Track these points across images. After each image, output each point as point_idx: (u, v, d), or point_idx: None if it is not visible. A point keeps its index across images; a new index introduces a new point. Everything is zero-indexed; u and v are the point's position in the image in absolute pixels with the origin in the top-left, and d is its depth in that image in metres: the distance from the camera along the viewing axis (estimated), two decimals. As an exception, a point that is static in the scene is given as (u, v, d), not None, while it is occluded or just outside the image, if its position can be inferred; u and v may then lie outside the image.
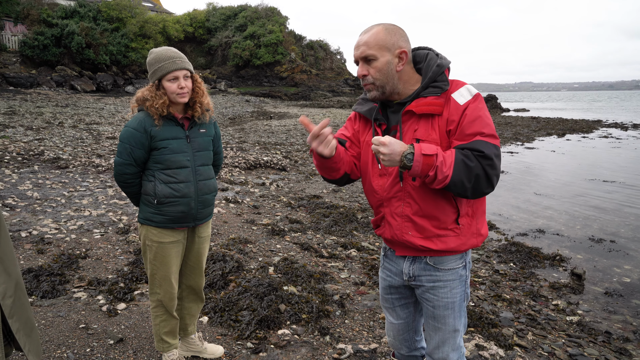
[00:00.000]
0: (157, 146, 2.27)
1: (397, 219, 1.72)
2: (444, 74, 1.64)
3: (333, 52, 43.32)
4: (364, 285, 3.98)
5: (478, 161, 1.51)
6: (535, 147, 15.38)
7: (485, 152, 1.51)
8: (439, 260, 1.73)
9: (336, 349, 2.88)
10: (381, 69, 1.62)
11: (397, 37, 1.62)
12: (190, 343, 2.71)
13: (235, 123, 19.23)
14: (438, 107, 1.60)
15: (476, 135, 1.54)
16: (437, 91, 1.62)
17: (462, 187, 1.52)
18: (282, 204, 6.83)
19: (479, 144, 1.52)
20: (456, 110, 1.58)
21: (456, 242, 1.68)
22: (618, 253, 5.49)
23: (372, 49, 1.61)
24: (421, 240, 1.68)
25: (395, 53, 1.62)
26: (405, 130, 1.66)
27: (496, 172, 1.53)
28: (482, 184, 1.53)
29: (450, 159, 1.50)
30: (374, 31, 1.62)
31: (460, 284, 1.76)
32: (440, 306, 1.76)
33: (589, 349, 3.22)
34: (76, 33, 26.89)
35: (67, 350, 2.71)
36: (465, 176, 1.50)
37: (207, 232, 2.55)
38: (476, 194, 1.56)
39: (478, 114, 1.56)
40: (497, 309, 3.75)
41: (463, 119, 1.56)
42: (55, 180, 6.93)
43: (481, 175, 1.51)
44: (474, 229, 1.71)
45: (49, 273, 3.70)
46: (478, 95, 1.61)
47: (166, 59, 2.23)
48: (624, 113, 38.64)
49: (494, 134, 1.56)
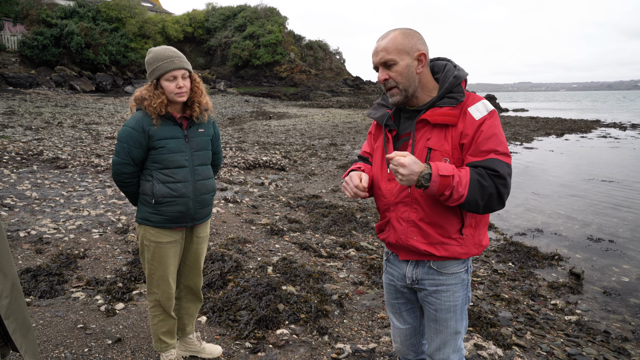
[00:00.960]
0: (155, 146, 2.27)
1: (403, 223, 1.74)
2: (460, 86, 1.66)
3: (332, 52, 43.34)
4: (363, 285, 3.98)
5: (492, 180, 1.54)
6: (534, 147, 15.39)
7: (500, 172, 1.54)
8: (442, 265, 1.75)
9: (334, 349, 2.88)
10: (402, 72, 1.63)
11: (415, 40, 1.64)
12: (189, 343, 2.70)
13: (234, 123, 19.23)
14: (453, 118, 1.61)
15: (491, 153, 1.56)
16: (452, 102, 1.64)
17: (475, 205, 1.56)
18: (281, 203, 6.83)
19: (493, 163, 1.55)
20: (471, 124, 1.59)
21: (458, 250, 1.71)
22: (616, 252, 5.50)
23: (391, 54, 1.62)
24: (425, 246, 1.71)
25: (414, 56, 1.64)
26: (418, 139, 1.68)
27: (508, 191, 1.57)
28: (494, 202, 1.57)
29: (466, 179, 1.53)
30: (391, 36, 1.64)
31: (462, 288, 1.79)
32: (442, 309, 1.78)
33: (587, 349, 3.22)
34: (75, 33, 26.87)
35: (65, 350, 2.71)
36: (480, 195, 1.54)
37: (206, 232, 2.55)
38: (487, 211, 1.60)
39: (494, 131, 1.59)
40: (496, 309, 3.76)
41: (478, 135, 1.58)
42: (54, 180, 6.92)
43: (494, 194, 1.55)
44: (477, 239, 1.73)
45: (47, 273, 3.70)
46: (494, 111, 1.63)
47: (164, 58, 2.22)
48: (623, 113, 38.68)
49: (507, 152, 1.59)
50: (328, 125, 19.14)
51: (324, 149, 12.72)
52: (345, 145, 13.66)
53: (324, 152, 12.15)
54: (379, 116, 1.80)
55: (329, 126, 18.72)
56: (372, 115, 1.83)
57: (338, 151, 12.56)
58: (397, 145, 1.76)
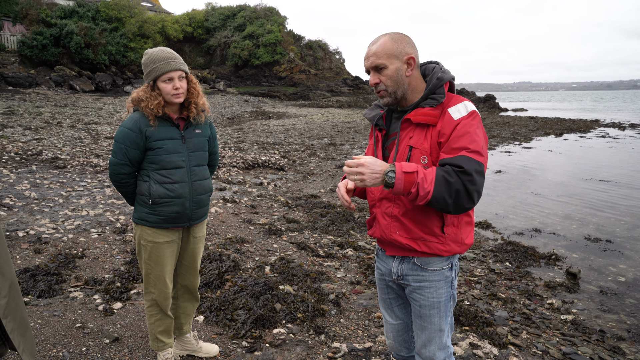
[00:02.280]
0: (152, 146, 2.28)
1: (387, 218, 1.80)
2: (442, 87, 1.71)
3: (332, 52, 43.33)
4: (360, 284, 3.99)
5: (458, 177, 1.54)
6: (532, 147, 15.41)
7: (465, 168, 1.54)
8: (426, 261, 1.79)
9: (331, 348, 2.89)
10: (391, 76, 1.70)
11: (403, 45, 1.70)
12: (186, 342, 2.72)
13: (233, 123, 19.23)
14: (433, 118, 1.67)
15: (462, 150, 1.58)
16: (434, 103, 1.69)
17: (444, 202, 1.56)
18: (280, 203, 6.85)
19: (460, 160, 1.56)
20: (449, 124, 1.63)
21: (440, 247, 1.74)
22: (613, 252, 5.52)
23: (381, 59, 1.69)
24: (407, 240, 1.75)
25: (404, 59, 1.70)
26: (403, 137, 1.74)
27: (476, 188, 1.56)
28: (463, 199, 1.56)
29: (431, 176, 1.55)
30: (381, 41, 1.70)
31: (446, 285, 1.81)
32: (426, 305, 1.81)
33: (582, 348, 3.24)
34: (75, 33, 26.87)
35: (62, 349, 2.73)
36: (446, 192, 1.54)
37: (202, 232, 2.57)
38: (458, 210, 1.59)
39: (467, 129, 1.61)
40: (492, 308, 3.77)
41: (453, 133, 1.62)
42: (53, 180, 6.93)
43: (461, 190, 1.54)
44: (459, 238, 1.76)
45: (45, 273, 3.71)
46: (474, 112, 1.66)
47: (161, 59, 2.24)
48: (622, 113, 38.70)
49: (479, 151, 1.59)
50: (327, 125, 19.16)
51: (323, 149, 12.73)
52: (345, 145, 13.67)
53: (323, 152, 12.16)
54: (372, 116, 1.88)
55: (328, 126, 18.73)
56: (367, 116, 1.91)
57: (337, 151, 12.58)
58: (385, 144, 1.83)
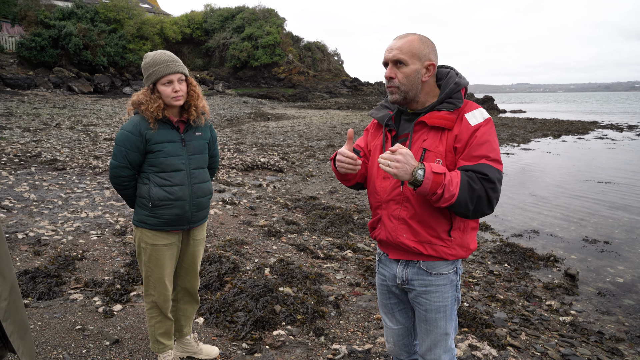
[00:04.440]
0: (152, 149, 2.29)
1: (394, 221, 1.79)
2: (459, 92, 1.73)
3: (331, 54, 43.37)
4: (359, 286, 4.00)
5: (482, 184, 1.59)
6: (531, 148, 15.44)
7: (489, 176, 1.59)
8: (431, 265, 1.79)
9: (331, 350, 2.90)
10: (409, 75, 1.69)
11: (429, 50, 1.71)
12: (186, 344, 2.73)
13: (232, 124, 19.24)
14: (450, 122, 1.68)
15: (482, 159, 1.62)
16: (451, 107, 1.70)
17: (465, 207, 1.59)
18: (279, 205, 6.85)
19: (484, 168, 1.60)
20: (467, 129, 1.65)
21: (446, 251, 1.75)
22: (611, 254, 5.53)
23: (404, 54, 1.69)
24: (414, 243, 1.75)
25: (425, 64, 1.70)
26: (415, 139, 1.74)
27: (497, 196, 1.62)
28: (484, 205, 1.61)
29: (457, 179, 1.58)
30: (409, 38, 1.71)
31: (451, 289, 1.82)
32: (432, 310, 1.82)
33: (581, 349, 3.25)
34: (74, 34, 26.86)
35: (63, 351, 2.73)
36: (469, 197, 1.58)
37: (202, 235, 2.58)
38: (477, 215, 1.64)
39: (487, 138, 1.64)
40: (491, 310, 3.78)
41: (472, 140, 1.64)
42: (52, 182, 6.93)
43: (483, 197, 1.59)
44: (465, 242, 1.78)
45: (45, 275, 3.71)
46: (490, 119, 1.69)
47: (160, 62, 2.25)
48: (620, 114, 38.79)
49: (498, 159, 1.64)
50: (326, 126, 19.17)
51: (321, 151, 12.74)
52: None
53: (321, 154, 12.17)
54: (381, 116, 1.87)
55: (327, 127, 18.74)
56: (374, 115, 1.90)
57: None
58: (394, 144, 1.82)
